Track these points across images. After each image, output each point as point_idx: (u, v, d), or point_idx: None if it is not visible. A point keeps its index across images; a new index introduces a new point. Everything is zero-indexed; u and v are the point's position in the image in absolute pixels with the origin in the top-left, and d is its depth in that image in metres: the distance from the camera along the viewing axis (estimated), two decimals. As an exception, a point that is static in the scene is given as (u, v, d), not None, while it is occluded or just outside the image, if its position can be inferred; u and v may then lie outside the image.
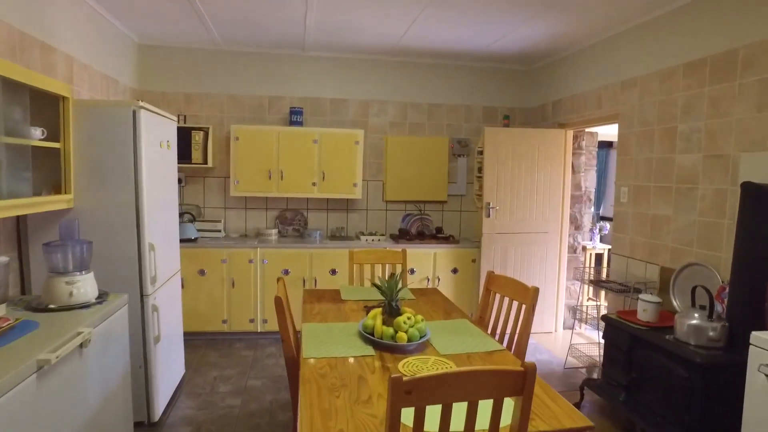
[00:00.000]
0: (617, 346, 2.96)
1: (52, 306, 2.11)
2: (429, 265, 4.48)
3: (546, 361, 3.95)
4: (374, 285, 2.24)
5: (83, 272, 2.22)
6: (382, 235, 4.60)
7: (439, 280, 4.50)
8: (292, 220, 4.79)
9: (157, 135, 2.87)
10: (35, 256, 2.60)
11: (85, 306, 2.15)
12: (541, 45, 4.25)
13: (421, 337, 2.13)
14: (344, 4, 3.35)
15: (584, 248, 4.79)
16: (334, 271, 4.33)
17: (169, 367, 3.06)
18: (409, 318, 2.17)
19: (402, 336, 2.07)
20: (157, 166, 2.86)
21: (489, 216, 4.46)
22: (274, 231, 4.58)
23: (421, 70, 4.85)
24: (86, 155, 2.58)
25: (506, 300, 2.54)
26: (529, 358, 3.95)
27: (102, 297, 2.28)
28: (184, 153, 4.20)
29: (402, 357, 2.00)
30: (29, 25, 2.63)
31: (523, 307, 2.31)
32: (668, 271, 3.18)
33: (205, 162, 4.25)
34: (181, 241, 4.15)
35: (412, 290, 3.17)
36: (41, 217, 2.58)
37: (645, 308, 2.91)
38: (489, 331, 2.59)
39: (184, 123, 4.40)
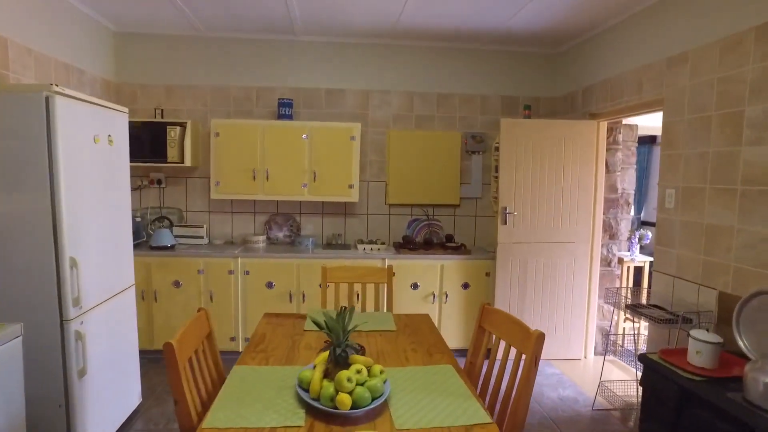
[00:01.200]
0: (660, 398, 2.28)
1: None
2: (435, 279, 3.87)
3: (570, 398, 3.27)
4: (314, 322, 1.67)
5: (-45, 298, 1.76)
6: (383, 243, 4.02)
7: (447, 296, 3.88)
8: (283, 226, 4.28)
9: (89, 128, 2.40)
10: (-65, 273, 2.18)
11: (-51, 343, 1.69)
12: (568, 21, 3.55)
13: (373, 400, 1.55)
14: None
15: (621, 261, 4.05)
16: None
17: (109, 403, 2.60)
18: (359, 371, 1.59)
19: (343, 400, 1.49)
20: (89, 165, 2.40)
21: (505, 222, 3.80)
22: (262, 238, 4.09)
23: (430, 55, 4.23)
24: (-10, 152, 2.13)
25: (503, 343, 1.93)
26: (550, 394, 3.29)
27: (-18, 329, 1.82)
28: (159, 151, 3.76)
29: (341, 430, 1.43)
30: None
31: (523, 357, 1.69)
32: (730, 299, 2.46)
33: (182, 161, 3.80)
34: (157, 248, 3.73)
35: (398, 316, 2.59)
36: (-59, 226, 2.15)
37: (699, 349, 2.22)
38: (480, 385, 1.97)
39: (161, 117, 3.97)
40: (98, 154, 2.49)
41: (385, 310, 2.79)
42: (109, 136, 2.60)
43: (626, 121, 3.91)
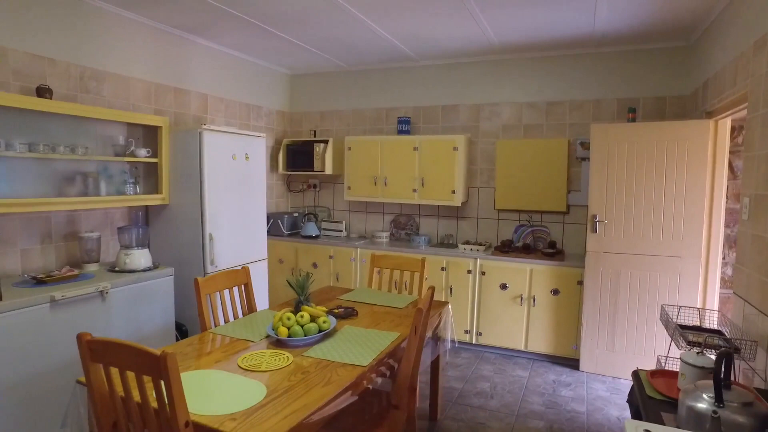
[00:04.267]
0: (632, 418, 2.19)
1: (117, 268, 3.07)
2: (523, 282, 4.00)
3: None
4: (288, 281, 2.40)
5: (139, 248, 3.12)
6: (482, 245, 4.34)
7: (534, 300, 3.97)
8: (405, 225, 5.00)
9: (228, 149, 3.65)
10: (154, 233, 3.72)
11: (132, 271, 3.04)
12: (661, 12, 3.28)
13: (306, 336, 2.19)
14: (390, 12, 3.45)
15: (756, 285, 3.38)
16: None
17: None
18: (302, 316, 2.25)
19: (281, 330, 2.19)
20: (226, 174, 3.64)
21: (595, 231, 3.69)
22: (386, 234, 4.90)
23: (536, 66, 4.35)
24: (174, 166, 3.54)
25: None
26: (610, 412, 3.16)
27: (152, 267, 3.14)
28: (308, 162, 4.98)
29: (274, 348, 2.13)
30: (164, 78, 3.78)
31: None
32: None
33: (324, 170, 4.92)
34: (305, 237, 4.94)
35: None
36: (157, 209, 3.67)
37: (684, 372, 2.07)
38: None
39: (314, 137, 5.19)
40: (234, 167, 3.72)
41: (416, 294, 3.26)
42: (246, 154, 3.83)
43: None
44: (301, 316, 2.25)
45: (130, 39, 3.50)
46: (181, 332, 3.46)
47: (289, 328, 2.21)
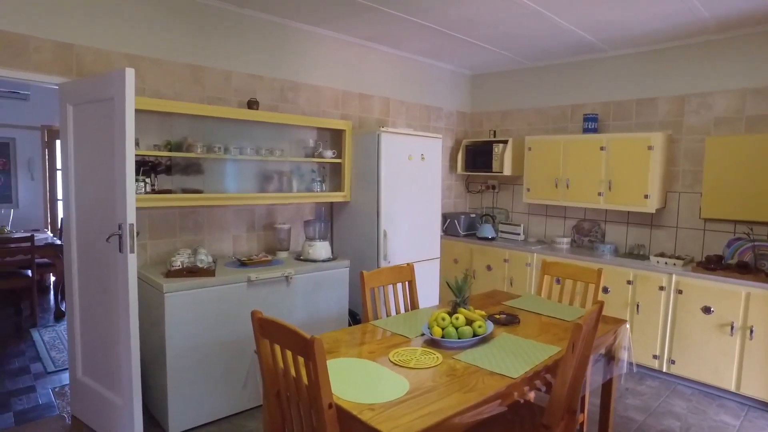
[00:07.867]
0: None
1: (301, 257, 3.48)
2: (736, 308, 3.29)
3: None
4: (447, 283, 2.40)
5: (320, 240, 3.49)
6: (680, 258, 3.69)
7: (752, 332, 3.22)
8: (589, 231, 4.55)
9: (404, 150, 3.82)
10: (336, 227, 4.12)
11: (313, 261, 3.41)
12: None
13: (460, 338, 2.17)
14: (572, 1, 3.17)
15: None
16: (606, 290, 3.92)
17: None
18: (457, 318, 2.24)
19: (436, 330, 2.21)
20: (402, 173, 3.81)
21: None
22: (566, 240, 4.55)
23: (766, 42, 3.50)
24: (355, 166, 3.85)
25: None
26: None
27: (330, 258, 3.47)
28: (486, 163, 4.89)
29: (427, 347, 2.16)
30: (349, 86, 4.16)
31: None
32: None
33: (502, 171, 4.77)
34: (481, 239, 4.88)
35: (606, 317, 2.72)
36: (339, 205, 4.05)
37: None
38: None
39: (494, 137, 5.06)
40: (410, 167, 3.87)
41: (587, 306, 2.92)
42: (422, 154, 3.95)
43: None
44: (456, 318, 2.24)
45: (321, 52, 3.93)
46: (354, 320, 3.75)
47: (443, 329, 2.22)
